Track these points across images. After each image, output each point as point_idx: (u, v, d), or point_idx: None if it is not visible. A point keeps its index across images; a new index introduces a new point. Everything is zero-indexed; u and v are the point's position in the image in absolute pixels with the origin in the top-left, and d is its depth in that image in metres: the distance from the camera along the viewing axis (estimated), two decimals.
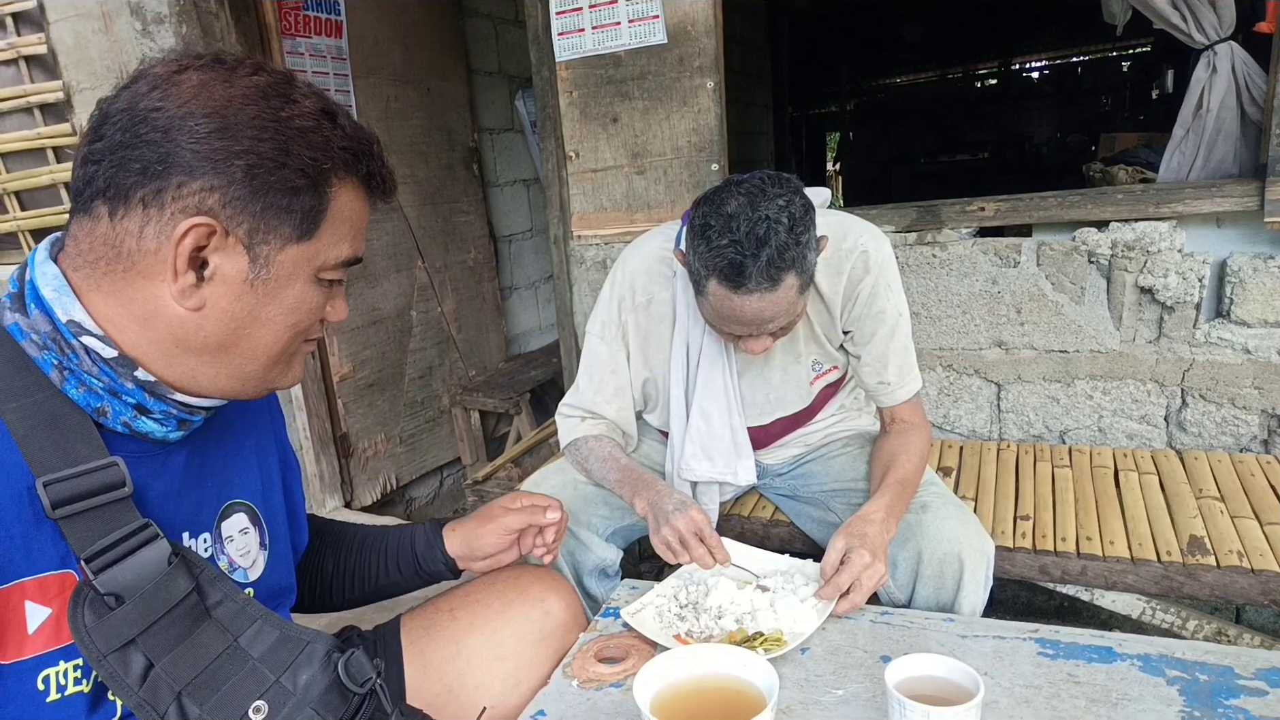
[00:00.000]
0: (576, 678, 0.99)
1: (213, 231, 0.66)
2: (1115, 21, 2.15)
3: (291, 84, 0.70)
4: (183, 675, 0.68)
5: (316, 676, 0.74)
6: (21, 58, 2.50)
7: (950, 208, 1.99)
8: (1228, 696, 0.88)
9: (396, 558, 1.07)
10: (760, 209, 1.08)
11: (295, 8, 2.55)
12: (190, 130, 0.64)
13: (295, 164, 0.67)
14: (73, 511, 0.65)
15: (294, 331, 0.75)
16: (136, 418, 0.71)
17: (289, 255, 0.70)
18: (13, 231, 2.68)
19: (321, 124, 0.69)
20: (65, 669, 0.68)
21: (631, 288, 1.40)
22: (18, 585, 0.65)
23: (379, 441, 2.94)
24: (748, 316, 1.13)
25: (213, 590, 0.73)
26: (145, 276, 0.67)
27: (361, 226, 0.77)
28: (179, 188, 0.65)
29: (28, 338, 0.67)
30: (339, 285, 0.78)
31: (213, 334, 0.70)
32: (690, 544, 1.18)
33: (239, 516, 0.85)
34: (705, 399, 1.39)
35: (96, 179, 0.66)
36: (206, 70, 0.67)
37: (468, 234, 3.36)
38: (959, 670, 0.82)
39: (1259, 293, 1.77)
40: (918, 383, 1.38)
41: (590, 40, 2.11)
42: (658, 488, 1.30)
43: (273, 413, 0.97)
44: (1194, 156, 1.92)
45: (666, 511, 1.22)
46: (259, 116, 0.66)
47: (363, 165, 0.73)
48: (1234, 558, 1.39)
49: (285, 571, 0.93)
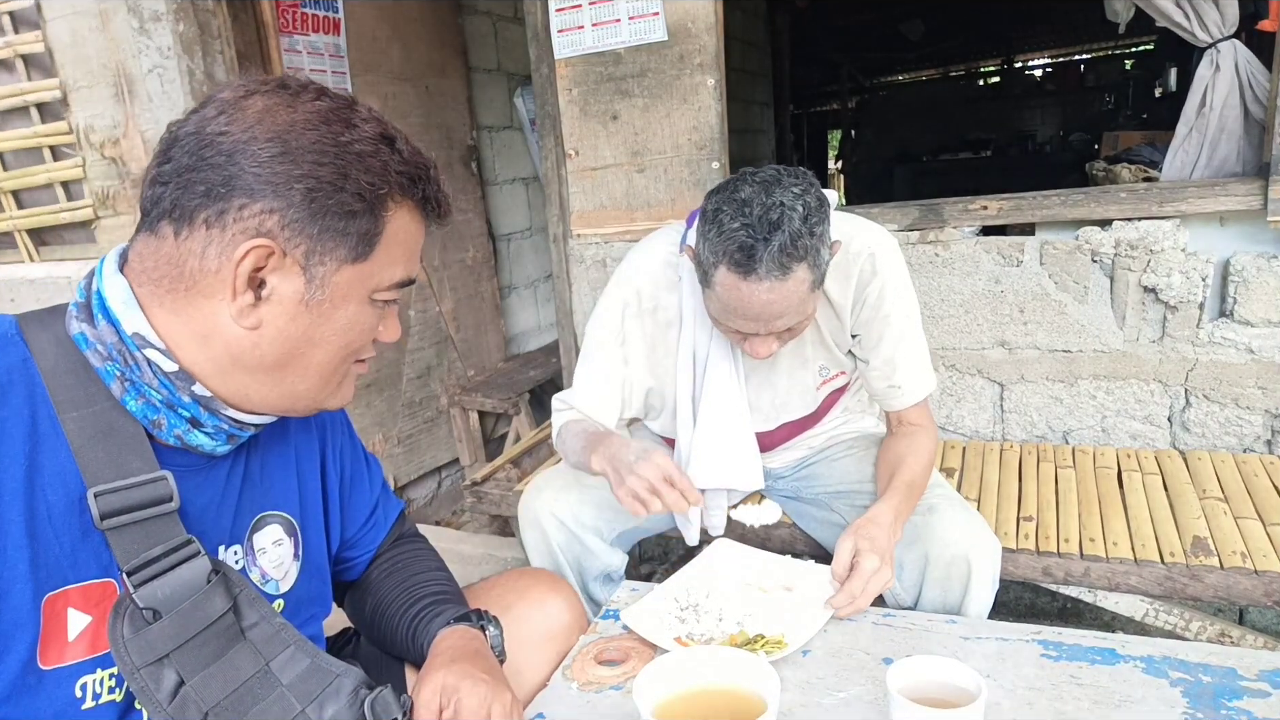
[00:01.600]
0: (576, 680, 0.98)
1: (271, 253, 0.67)
2: (1118, 19, 2.15)
3: (353, 109, 0.71)
4: (212, 696, 0.69)
5: (342, 712, 0.75)
6: (18, 56, 2.49)
7: (953, 206, 1.99)
8: (1231, 698, 0.87)
9: (403, 634, 0.94)
10: (775, 195, 1.07)
11: (293, 5, 2.53)
12: (253, 154, 0.66)
13: (353, 188, 0.69)
14: (120, 523, 0.67)
15: (346, 352, 0.76)
16: (190, 431, 0.72)
17: (344, 277, 0.71)
18: (9, 231, 2.67)
19: (380, 149, 0.71)
20: (101, 677, 0.70)
21: (637, 293, 1.36)
22: (63, 592, 0.67)
23: (377, 442, 2.93)
24: (755, 309, 1.10)
25: (250, 611, 0.74)
26: (205, 295, 0.69)
27: (416, 249, 0.77)
28: (241, 210, 0.66)
29: (92, 347, 0.69)
30: (392, 306, 0.79)
31: (268, 353, 0.71)
32: (661, 490, 1.10)
33: (273, 528, 0.85)
34: (712, 405, 1.36)
35: (163, 200, 0.68)
36: (271, 95, 0.69)
37: (466, 233, 3.35)
38: (961, 672, 0.82)
39: (1262, 292, 1.77)
40: (930, 385, 1.35)
41: (590, 37, 2.10)
42: (615, 440, 1.21)
43: (327, 426, 0.94)
44: (1197, 155, 1.91)
45: (628, 462, 1.14)
46: (319, 141, 0.67)
47: (419, 189, 0.74)
48: (1237, 559, 1.39)
49: (319, 583, 0.92)
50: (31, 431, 0.66)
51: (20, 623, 0.64)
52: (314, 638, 0.91)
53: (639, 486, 1.11)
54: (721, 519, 1.47)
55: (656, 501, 1.10)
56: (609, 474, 1.17)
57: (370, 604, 1.00)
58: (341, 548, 0.98)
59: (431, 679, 0.81)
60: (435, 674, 0.82)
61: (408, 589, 0.98)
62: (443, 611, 0.92)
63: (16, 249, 2.70)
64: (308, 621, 0.90)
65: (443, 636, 0.88)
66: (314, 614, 0.92)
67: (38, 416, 0.66)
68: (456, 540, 2.52)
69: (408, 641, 0.92)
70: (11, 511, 0.64)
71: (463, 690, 0.79)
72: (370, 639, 1.02)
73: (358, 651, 1.04)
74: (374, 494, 1.02)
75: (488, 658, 0.87)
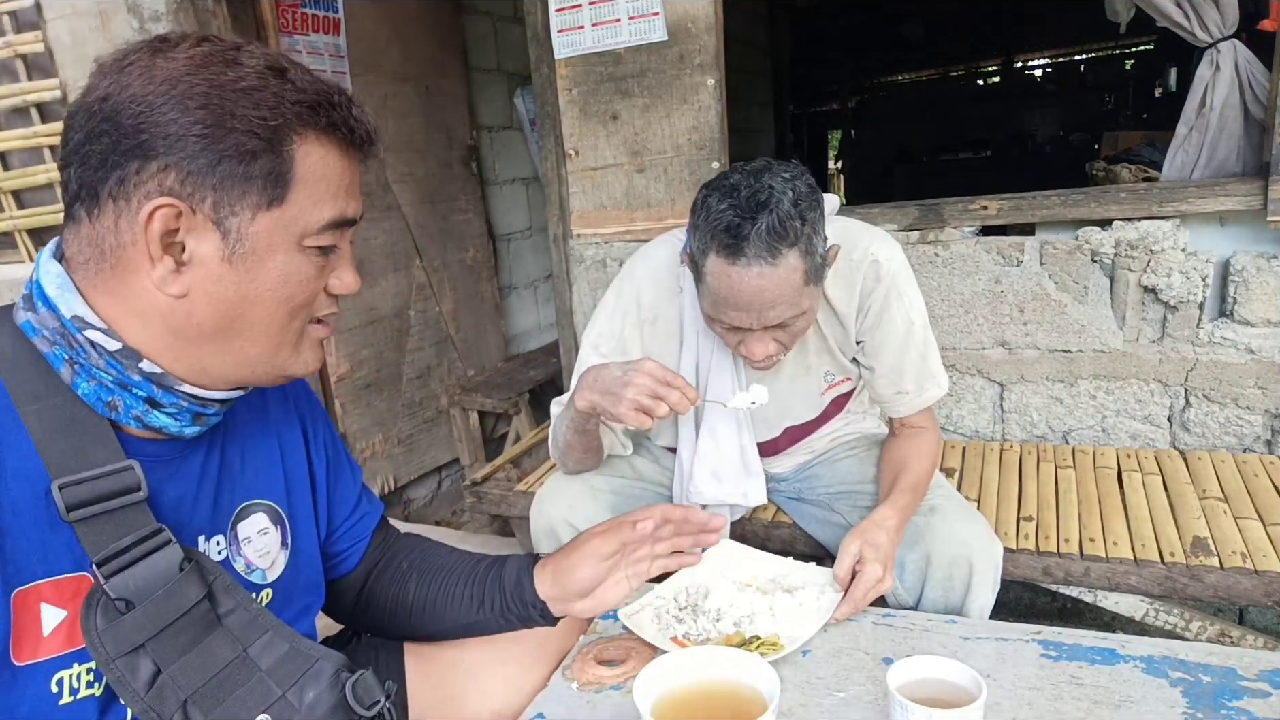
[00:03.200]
0: (576, 680, 0.98)
1: (179, 212, 0.64)
2: (1118, 19, 2.14)
3: (239, 50, 0.67)
4: (190, 683, 0.68)
5: (323, 695, 0.74)
6: (18, 56, 2.49)
7: (953, 206, 1.98)
8: (1231, 698, 0.87)
9: (483, 592, 0.97)
10: (763, 180, 1.06)
11: (293, 5, 2.54)
12: (136, 113, 0.63)
13: (243, 126, 0.64)
14: (88, 515, 0.66)
15: (289, 306, 0.71)
16: (149, 412, 0.70)
17: (262, 225, 0.67)
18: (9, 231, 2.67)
19: (269, 81, 0.66)
20: (78, 672, 0.68)
21: (638, 302, 1.34)
22: (34, 587, 0.66)
23: (377, 442, 2.93)
24: (745, 297, 1.07)
25: (225, 598, 0.73)
26: (131, 271, 0.67)
27: (344, 184, 0.72)
28: (138, 173, 0.64)
29: (39, 334, 0.68)
30: (336, 252, 0.74)
31: (205, 319, 0.68)
32: (664, 392, 1.07)
33: (258, 517, 0.84)
34: (714, 418, 1.35)
35: (70, 182, 0.66)
36: (148, 52, 0.66)
37: (466, 233, 3.35)
38: (961, 672, 0.81)
39: (1262, 292, 1.77)
40: (941, 389, 1.33)
41: (590, 37, 2.10)
42: (590, 373, 1.17)
43: (307, 416, 0.94)
44: (1197, 155, 1.91)
45: (618, 378, 1.10)
46: (200, 85, 0.64)
47: (322, 116, 0.68)
48: (1237, 559, 1.39)
49: (311, 571, 0.91)
50: None
51: None
52: (307, 632, 0.90)
53: (640, 394, 1.08)
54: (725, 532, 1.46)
55: (662, 405, 1.07)
56: (600, 400, 1.13)
57: (417, 585, 0.99)
58: (329, 540, 0.97)
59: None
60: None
61: (462, 558, 1.01)
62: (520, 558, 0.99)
63: (16, 249, 2.70)
64: (301, 612, 0.90)
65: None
66: (308, 604, 0.91)
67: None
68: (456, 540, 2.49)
69: (497, 591, 0.96)
70: None
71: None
72: (423, 629, 1.00)
73: (357, 653, 1.03)
74: (357, 486, 1.01)
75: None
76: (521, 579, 0.95)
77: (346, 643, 1.05)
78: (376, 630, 1.04)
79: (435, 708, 0.98)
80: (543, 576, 0.95)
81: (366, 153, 0.74)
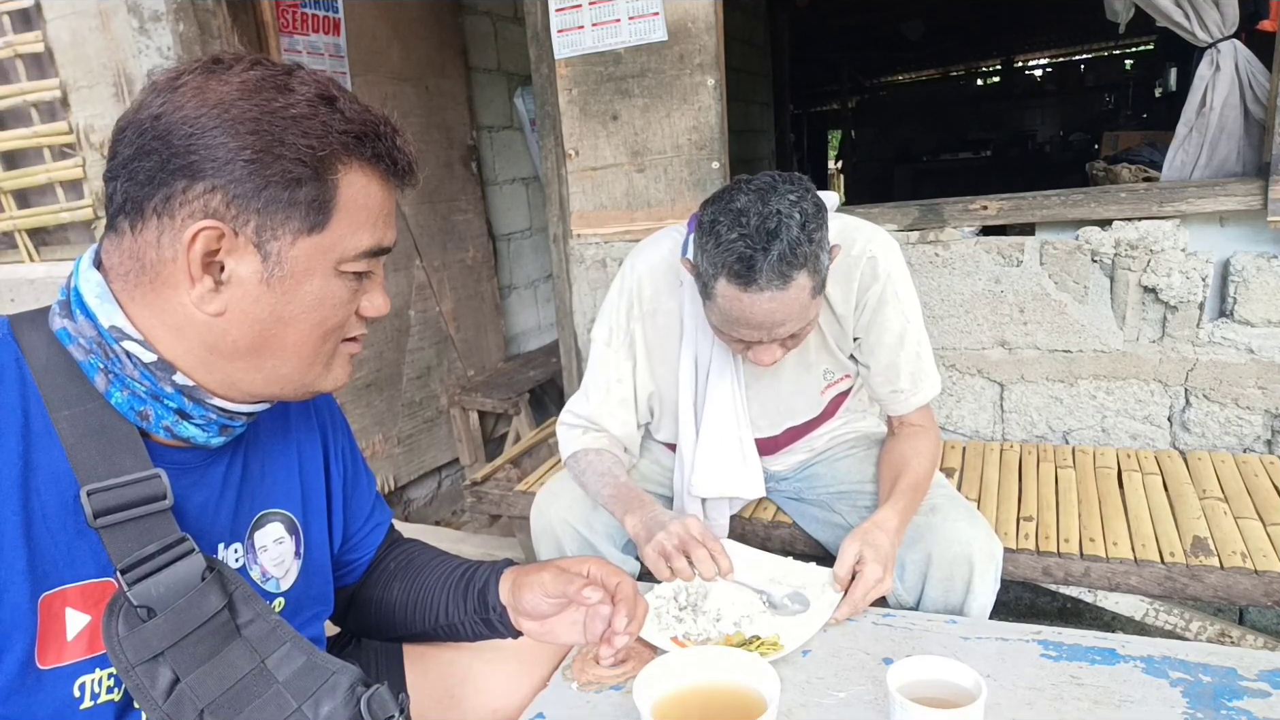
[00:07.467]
0: (576, 680, 0.98)
1: (221, 234, 0.66)
2: (1118, 19, 2.14)
3: (291, 75, 0.68)
4: (208, 693, 0.69)
5: (338, 709, 0.74)
6: (18, 56, 2.49)
7: (953, 206, 1.98)
8: (1231, 698, 0.87)
9: (459, 591, 0.96)
10: (771, 204, 1.06)
11: (293, 5, 2.54)
12: (187, 134, 0.64)
13: (291, 153, 0.66)
14: (114, 521, 0.67)
15: (323, 329, 0.73)
16: (178, 422, 0.71)
17: (302, 249, 0.69)
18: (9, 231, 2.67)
19: (319, 110, 0.67)
20: (100, 677, 0.69)
21: (639, 295, 1.35)
22: (61, 592, 0.67)
23: (377, 442, 2.93)
24: (757, 319, 1.10)
25: (245, 609, 0.73)
26: (170, 286, 0.68)
27: (383, 213, 0.73)
28: (185, 192, 0.65)
29: (75, 342, 0.68)
30: (370, 278, 0.75)
31: (240, 338, 0.70)
32: (691, 547, 1.11)
33: (274, 526, 0.85)
34: (714, 414, 1.35)
35: (115, 195, 0.67)
36: (202, 73, 0.67)
37: (466, 233, 3.35)
38: (961, 672, 0.81)
39: (1262, 292, 1.77)
40: (934, 388, 1.34)
41: (590, 37, 2.10)
42: (654, 508, 1.23)
43: (328, 427, 0.95)
44: (1197, 155, 1.91)
45: (662, 522, 1.16)
46: (251, 110, 0.65)
47: (368, 147, 0.70)
48: (1237, 559, 1.39)
49: (321, 581, 0.92)
50: (25, 431, 0.66)
51: (17, 622, 0.64)
52: (315, 638, 0.91)
53: (668, 541, 1.12)
54: (724, 529, 1.46)
55: (680, 559, 1.10)
56: (640, 535, 1.19)
57: (401, 586, 0.99)
58: (343, 549, 0.98)
59: (590, 564, 0.90)
60: (587, 562, 0.91)
61: (444, 559, 1.01)
62: (495, 563, 0.98)
63: (17, 249, 2.70)
64: (309, 621, 0.90)
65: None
66: (316, 613, 0.92)
67: (30, 415, 0.66)
68: (456, 540, 2.52)
69: (466, 591, 0.95)
70: (7, 511, 0.64)
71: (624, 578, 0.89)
72: (406, 629, 1.00)
73: (357, 653, 1.04)
74: (371, 496, 1.02)
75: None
76: (489, 582, 0.95)
77: (345, 645, 1.06)
78: (364, 632, 1.04)
79: (435, 708, 0.99)
80: (505, 583, 0.94)
81: (406, 183, 0.75)
